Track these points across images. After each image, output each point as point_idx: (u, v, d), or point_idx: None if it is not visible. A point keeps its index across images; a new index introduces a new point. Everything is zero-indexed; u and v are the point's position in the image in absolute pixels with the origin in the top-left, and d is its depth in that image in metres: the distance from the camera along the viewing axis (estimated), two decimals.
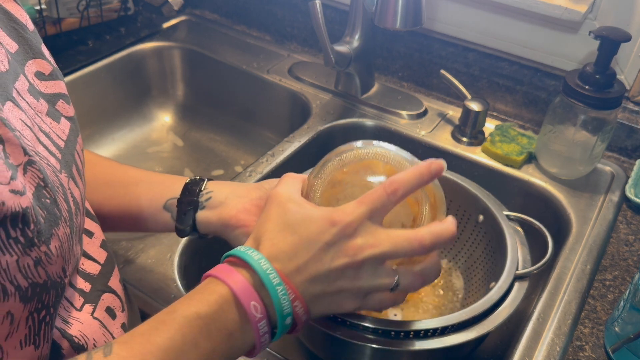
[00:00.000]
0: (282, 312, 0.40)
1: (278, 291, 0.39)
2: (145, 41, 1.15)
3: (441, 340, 0.57)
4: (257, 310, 0.39)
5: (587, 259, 0.72)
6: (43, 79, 0.45)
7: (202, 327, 0.38)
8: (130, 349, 0.36)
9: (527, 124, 0.97)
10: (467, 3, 0.96)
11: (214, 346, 0.38)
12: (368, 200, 0.41)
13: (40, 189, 0.37)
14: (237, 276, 0.39)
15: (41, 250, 0.35)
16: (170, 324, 0.37)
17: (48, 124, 0.44)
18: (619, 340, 0.59)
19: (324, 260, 0.40)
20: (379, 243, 0.40)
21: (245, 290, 0.38)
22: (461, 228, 0.76)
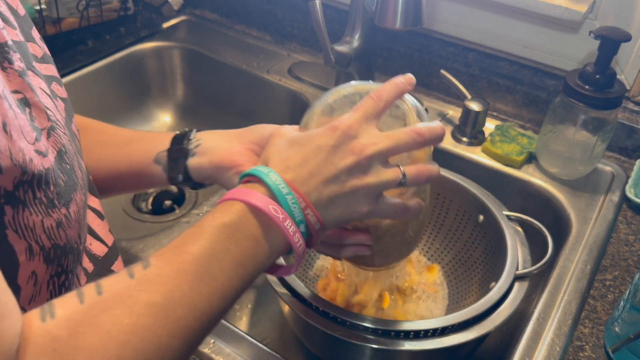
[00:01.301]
0: (294, 220, 0.41)
1: (288, 200, 0.40)
2: (145, 41, 1.15)
3: (441, 341, 0.57)
4: (278, 212, 0.40)
5: (587, 259, 0.72)
6: (37, 61, 0.45)
7: (230, 234, 0.39)
8: (167, 260, 0.37)
9: (527, 124, 0.97)
10: (467, 3, 0.96)
11: (243, 251, 0.39)
12: (360, 107, 0.44)
13: (61, 154, 0.38)
14: (250, 191, 0.40)
15: (61, 213, 0.36)
16: (200, 234, 0.39)
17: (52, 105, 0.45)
18: (619, 341, 0.59)
19: (333, 161, 0.42)
20: (381, 140, 0.43)
21: (261, 199, 0.40)
22: (461, 228, 0.76)
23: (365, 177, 0.43)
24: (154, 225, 0.96)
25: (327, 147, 0.42)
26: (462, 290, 0.74)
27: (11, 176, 0.33)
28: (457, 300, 0.73)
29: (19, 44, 0.41)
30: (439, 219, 0.79)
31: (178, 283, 0.36)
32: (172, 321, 0.35)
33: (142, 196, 1.02)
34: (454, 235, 0.77)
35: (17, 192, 0.33)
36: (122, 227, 0.95)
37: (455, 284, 0.75)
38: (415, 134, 0.44)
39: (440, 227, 0.79)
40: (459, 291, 0.74)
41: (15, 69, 0.38)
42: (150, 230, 0.76)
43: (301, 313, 0.59)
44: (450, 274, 0.77)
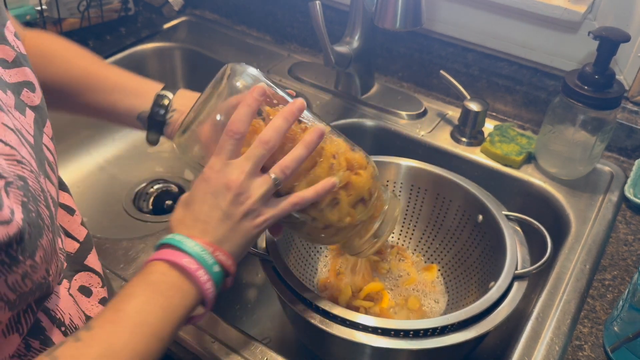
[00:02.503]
0: (206, 263, 0.47)
1: (197, 250, 0.47)
2: (145, 41, 1.16)
3: (441, 340, 0.57)
4: (192, 263, 0.46)
5: (586, 259, 0.72)
6: (6, 67, 0.44)
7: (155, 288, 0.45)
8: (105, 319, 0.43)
9: (527, 124, 0.97)
10: (467, 3, 0.96)
11: (169, 299, 0.45)
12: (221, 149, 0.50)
13: (25, 205, 0.38)
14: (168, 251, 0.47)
15: (27, 265, 0.38)
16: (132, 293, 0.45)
17: (18, 119, 0.43)
18: (618, 340, 0.59)
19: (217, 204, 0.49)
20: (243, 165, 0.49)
21: (176, 255, 0.46)
22: (461, 228, 0.76)
23: (247, 200, 0.49)
24: (154, 225, 0.96)
25: (207, 197, 0.49)
26: (461, 290, 0.74)
27: None
28: (457, 299, 0.73)
29: None
30: (439, 219, 0.79)
31: (117, 335, 0.42)
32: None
33: (143, 196, 1.02)
34: (453, 235, 0.78)
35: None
36: (123, 227, 0.95)
37: (454, 284, 0.76)
38: (263, 143, 0.49)
39: (439, 227, 0.79)
40: (458, 291, 0.75)
41: None
42: (151, 230, 0.76)
43: (301, 313, 0.59)
44: (449, 274, 0.77)
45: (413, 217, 0.81)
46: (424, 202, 0.80)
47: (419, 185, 0.79)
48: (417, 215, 0.81)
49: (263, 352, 0.61)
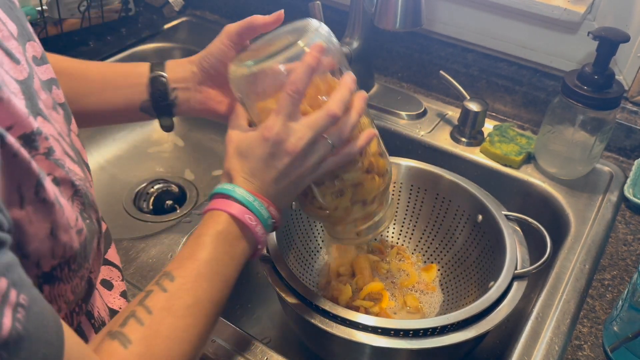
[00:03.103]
0: (263, 217, 0.51)
1: (256, 205, 0.51)
2: (146, 42, 1.16)
3: (440, 340, 0.57)
4: (252, 220, 0.50)
5: (585, 259, 0.72)
6: (38, 64, 0.44)
7: (223, 238, 0.49)
8: (185, 269, 0.47)
9: (526, 124, 0.97)
10: (467, 4, 0.96)
11: (234, 249, 0.50)
12: (280, 108, 0.50)
13: (81, 212, 0.41)
14: (229, 203, 0.50)
15: (85, 268, 0.41)
16: (202, 242, 0.48)
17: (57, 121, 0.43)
18: (618, 340, 0.59)
19: (274, 165, 0.51)
20: (304, 133, 0.50)
21: (238, 210, 0.50)
22: (460, 228, 0.77)
23: (303, 163, 0.52)
24: (155, 225, 0.96)
25: (265, 156, 0.51)
26: (460, 290, 0.74)
27: (48, 265, 0.36)
28: (456, 299, 0.74)
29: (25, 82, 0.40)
30: (438, 218, 0.79)
31: (199, 285, 0.46)
32: (204, 314, 0.45)
33: (143, 196, 1.02)
34: (452, 235, 0.78)
35: (54, 272, 0.37)
36: (123, 227, 0.95)
37: (454, 284, 0.76)
38: (331, 115, 0.51)
39: (439, 227, 0.79)
40: (457, 290, 0.75)
41: (41, 153, 0.37)
42: (151, 230, 0.76)
43: (301, 313, 0.59)
44: (449, 274, 0.77)
45: (413, 217, 0.81)
46: (423, 202, 0.80)
47: (418, 185, 0.79)
48: (417, 215, 0.81)
49: (263, 352, 0.61)
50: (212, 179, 1.07)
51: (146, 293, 0.44)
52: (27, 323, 0.28)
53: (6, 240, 0.29)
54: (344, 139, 0.53)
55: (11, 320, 0.27)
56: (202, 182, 1.06)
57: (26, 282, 0.30)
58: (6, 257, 0.28)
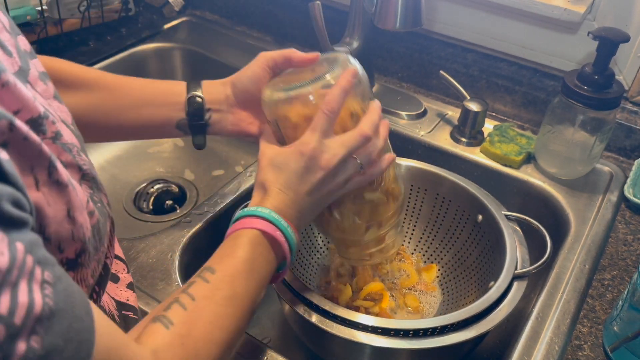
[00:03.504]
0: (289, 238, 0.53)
1: (284, 225, 0.53)
2: (146, 42, 1.16)
3: (440, 340, 0.57)
4: (281, 237, 0.52)
5: (585, 259, 0.72)
6: (31, 58, 0.45)
7: (260, 243, 0.51)
8: (225, 264, 0.49)
9: (526, 124, 0.97)
10: (467, 4, 0.96)
11: (267, 255, 0.52)
12: (316, 125, 0.54)
13: (91, 195, 0.41)
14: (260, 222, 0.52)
15: (101, 252, 0.42)
16: (241, 243, 0.50)
17: (59, 109, 0.44)
18: (618, 340, 0.59)
19: (308, 179, 0.54)
20: (338, 150, 0.54)
21: (269, 227, 0.52)
22: (460, 228, 0.77)
23: (334, 179, 0.55)
24: (155, 225, 0.96)
25: (300, 170, 0.54)
26: (460, 290, 0.74)
27: (73, 250, 0.37)
28: (456, 299, 0.74)
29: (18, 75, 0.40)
30: (438, 218, 0.79)
31: (238, 280, 0.48)
32: (241, 307, 0.48)
33: (143, 196, 1.02)
34: (452, 235, 0.78)
35: (79, 259, 0.38)
36: (123, 227, 0.95)
37: (454, 284, 0.76)
38: (364, 136, 0.55)
39: (439, 227, 0.79)
40: (457, 290, 0.75)
41: (48, 137, 0.38)
42: (151, 230, 0.76)
43: (301, 313, 0.59)
44: (449, 274, 0.77)
45: (413, 217, 0.81)
46: (423, 202, 0.80)
47: (418, 185, 0.79)
48: (417, 215, 0.81)
49: (263, 352, 0.61)
50: (212, 179, 1.07)
51: (189, 283, 0.47)
52: (55, 298, 0.29)
53: (28, 220, 0.29)
54: (371, 161, 0.57)
55: (41, 296, 0.28)
56: (202, 182, 1.06)
57: (50, 260, 0.30)
58: (29, 236, 0.29)
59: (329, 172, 0.54)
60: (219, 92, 0.64)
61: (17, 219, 0.28)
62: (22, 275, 0.27)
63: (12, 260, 0.27)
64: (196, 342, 0.43)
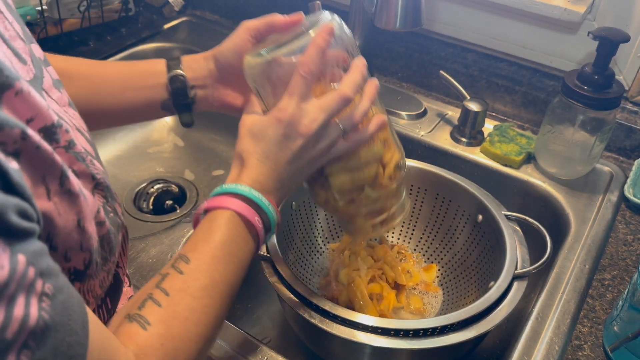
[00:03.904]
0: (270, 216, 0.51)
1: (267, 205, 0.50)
2: (146, 42, 1.16)
3: (440, 340, 0.57)
4: (260, 222, 0.50)
5: (586, 259, 0.72)
6: (46, 66, 0.44)
7: (239, 223, 0.49)
8: (200, 251, 0.46)
9: (526, 124, 0.97)
10: (467, 4, 0.96)
11: (246, 235, 0.49)
12: (293, 90, 0.50)
13: (104, 205, 0.41)
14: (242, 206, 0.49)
15: (111, 261, 0.42)
16: (217, 226, 0.48)
17: (74, 117, 0.44)
18: (618, 340, 0.59)
19: (288, 146, 0.51)
20: (317, 115, 0.50)
21: (247, 210, 0.49)
22: (460, 228, 0.77)
23: (316, 146, 0.52)
24: (155, 225, 0.96)
25: (278, 137, 0.50)
26: (461, 290, 0.74)
27: (81, 260, 0.37)
28: (456, 299, 0.74)
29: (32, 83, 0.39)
30: (438, 218, 0.79)
31: (214, 267, 0.46)
32: (220, 295, 0.46)
33: (143, 196, 1.02)
34: (452, 235, 0.78)
35: (87, 271, 0.38)
36: None
37: (454, 284, 0.76)
38: (344, 97, 0.51)
39: (439, 227, 0.79)
40: (457, 290, 0.75)
41: (62, 145, 0.37)
42: (151, 230, 0.76)
43: (301, 313, 0.59)
44: (449, 274, 0.77)
45: (413, 217, 0.81)
46: (423, 202, 0.80)
47: (418, 185, 0.79)
48: (417, 215, 0.81)
49: (263, 352, 0.61)
50: (212, 179, 1.07)
51: (162, 276, 0.45)
52: (52, 312, 0.29)
53: (34, 230, 0.29)
54: (355, 124, 0.53)
55: (37, 309, 0.28)
56: (202, 182, 1.06)
57: (54, 270, 0.30)
58: (34, 246, 0.29)
59: (309, 138, 0.51)
60: (201, 68, 0.62)
61: (22, 230, 0.28)
62: (20, 288, 0.27)
63: (11, 274, 0.27)
64: (174, 341, 0.41)
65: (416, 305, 0.73)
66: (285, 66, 0.52)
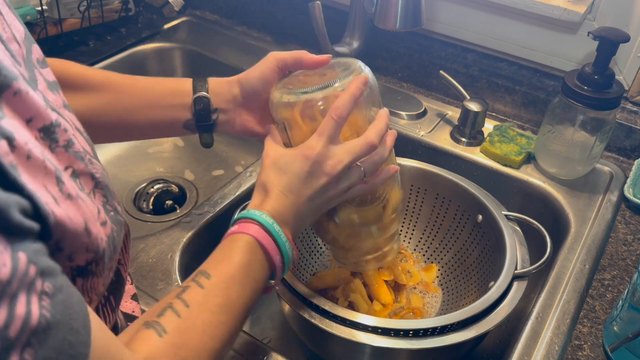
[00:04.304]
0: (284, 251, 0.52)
1: (281, 237, 0.51)
2: (146, 42, 1.16)
3: (440, 339, 0.57)
4: (275, 252, 0.51)
5: (585, 259, 0.72)
6: (42, 67, 0.44)
7: (257, 248, 0.50)
8: (220, 270, 0.48)
9: (526, 124, 0.97)
10: (467, 4, 0.96)
11: (262, 262, 0.50)
12: (323, 130, 0.53)
13: (105, 204, 0.41)
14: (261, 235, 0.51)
15: (115, 260, 0.42)
16: (237, 247, 0.49)
17: (70, 118, 0.43)
18: (618, 340, 0.59)
19: (311, 184, 0.53)
20: (343, 157, 0.53)
21: (264, 237, 0.50)
22: (460, 228, 0.77)
23: (337, 186, 0.55)
24: (155, 225, 0.96)
25: (304, 174, 0.53)
26: (460, 290, 0.74)
27: (84, 259, 0.37)
28: (456, 299, 0.74)
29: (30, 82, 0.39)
30: (438, 218, 0.79)
31: (232, 286, 0.47)
32: (235, 314, 0.47)
33: (143, 196, 1.02)
34: (452, 235, 0.78)
35: (89, 267, 0.38)
36: None
37: (454, 284, 0.76)
38: (369, 144, 0.55)
39: (439, 227, 0.79)
40: (457, 291, 0.75)
41: (61, 145, 0.37)
42: (151, 230, 0.76)
43: (301, 313, 0.59)
44: (449, 274, 0.77)
45: (413, 217, 0.81)
46: (423, 202, 0.80)
47: (418, 185, 0.79)
48: (417, 215, 0.81)
49: (263, 352, 0.61)
50: (212, 179, 1.07)
51: (183, 288, 0.46)
52: (53, 310, 0.28)
53: (35, 228, 0.29)
54: (376, 169, 0.57)
55: (38, 308, 0.28)
56: (202, 182, 1.06)
57: (54, 269, 0.30)
58: (34, 245, 0.29)
59: (332, 178, 0.53)
60: (226, 92, 0.63)
61: (23, 228, 0.28)
62: (22, 286, 0.27)
63: (13, 272, 0.27)
64: (188, 352, 0.42)
65: (418, 305, 0.73)
66: (316, 108, 0.55)
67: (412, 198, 0.80)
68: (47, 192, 0.32)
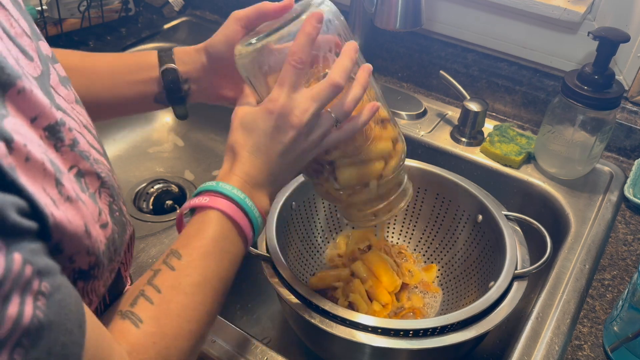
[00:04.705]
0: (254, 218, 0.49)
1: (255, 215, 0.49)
2: (146, 42, 1.16)
3: (440, 340, 0.57)
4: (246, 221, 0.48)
5: (586, 259, 0.72)
6: (53, 63, 0.44)
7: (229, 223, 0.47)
8: (192, 247, 0.45)
9: (526, 124, 0.97)
10: (467, 4, 0.96)
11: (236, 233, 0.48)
12: (283, 80, 0.49)
13: (111, 204, 0.41)
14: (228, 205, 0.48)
15: (117, 261, 0.42)
16: (209, 221, 0.47)
17: (81, 114, 0.43)
18: (618, 340, 0.59)
19: (279, 139, 0.49)
20: (309, 105, 0.49)
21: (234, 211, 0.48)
22: (460, 228, 0.77)
23: (308, 137, 0.50)
24: (155, 225, 0.96)
25: (270, 129, 0.49)
26: (461, 290, 0.74)
27: (86, 262, 0.36)
28: (456, 299, 0.74)
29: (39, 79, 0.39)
30: (438, 218, 0.79)
31: (206, 263, 0.45)
32: (212, 292, 0.45)
33: (143, 196, 1.02)
34: (452, 235, 0.78)
35: (91, 271, 0.38)
36: None
37: (454, 284, 0.76)
38: (334, 85, 0.49)
39: (439, 227, 0.79)
40: (457, 291, 0.75)
41: (66, 144, 0.37)
42: (151, 230, 0.76)
43: (301, 313, 0.59)
44: (449, 274, 0.77)
45: (413, 217, 0.81)
46: (423, 202, 0.80)
47: (418, 185, 0.79)
48: (417, 215, 0.81)
49: (263, 352, 0.61)
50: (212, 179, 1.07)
51: (154, 272, 0.44)
52: (47, 311, 0.28)
53: (32, 227, 0.29)
54: (347, 112, 0.51)
55: (32, 308, 0.27)
56: (202, 182, 1.05)
57: (52, 268, 0.30)
58: (31, 245, 0.29)
59: (301, 129, 0.49)
60: (194, 61, 0.61)
61: (20, 228, 0.28)
62: (16, 287, 0.27)
63: (6, 273, 0.27)
64: (166, 338, 0.41)
65: (419, 305, 0.73)
66: (276, 54, 0.50)
67: (412, 198, 0.80)
68: (46, 195, 0.32)
